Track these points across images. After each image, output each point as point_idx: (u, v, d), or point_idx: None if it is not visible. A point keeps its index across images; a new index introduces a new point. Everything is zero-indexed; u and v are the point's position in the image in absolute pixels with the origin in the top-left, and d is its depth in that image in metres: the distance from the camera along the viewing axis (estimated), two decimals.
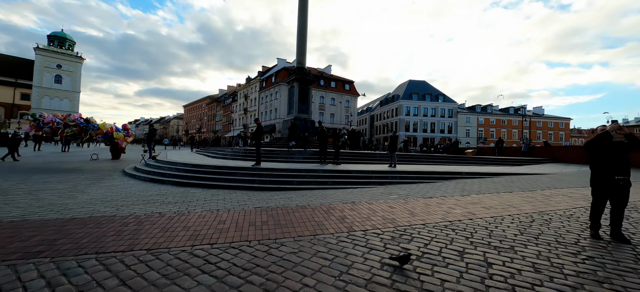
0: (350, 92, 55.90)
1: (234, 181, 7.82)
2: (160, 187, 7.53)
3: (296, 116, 20.01)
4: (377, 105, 72.77)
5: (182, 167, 9.24)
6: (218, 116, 74.29)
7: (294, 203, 5.67)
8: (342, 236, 3.71)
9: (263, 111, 53.44)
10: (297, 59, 20.86)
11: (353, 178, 8.60)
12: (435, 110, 60.14)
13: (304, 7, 20.73)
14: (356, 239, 3.60)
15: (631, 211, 5.19)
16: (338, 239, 3.58)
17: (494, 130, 61.09)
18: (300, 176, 8.24)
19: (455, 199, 6.31)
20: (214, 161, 10.95)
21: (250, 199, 6.03)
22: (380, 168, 10.24)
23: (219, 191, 7.10)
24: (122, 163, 13.69)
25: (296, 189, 7.41)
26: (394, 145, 11.10)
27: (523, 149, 18.88)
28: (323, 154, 10.87)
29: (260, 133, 9.69)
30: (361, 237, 3.68)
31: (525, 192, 7.18)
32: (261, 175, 8.14)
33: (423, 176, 9.35)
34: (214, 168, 8.79)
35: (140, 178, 8.69)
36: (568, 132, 62.49)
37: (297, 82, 19.85)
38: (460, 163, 14.67)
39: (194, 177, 8.09)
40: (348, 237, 3.67)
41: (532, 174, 10.82)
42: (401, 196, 6.62)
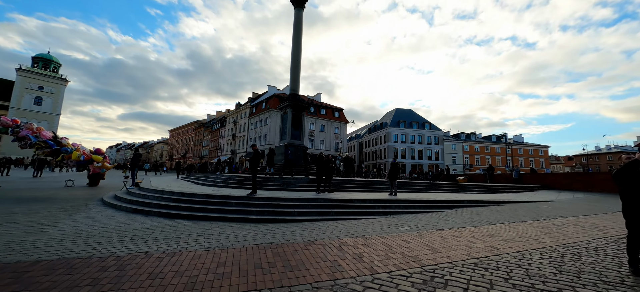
0: (340, 119, 56.61)
1: (229, 212, 7.15)
2: (144, 219, 6.74)
3: (289, 142, 19.62)
4: (365, 132, 73.86)
5: (169, 196, 8.47)
6: (205, 141, 72.75)
7: (300, 238, 5.11)
8: (366, 280, 3.20)
9: (252, 137, 52.81)
10: (291, 85, 20.92)
11: (356, 207, 8.12)
12: (422, 138, 61.56)
13: (298, 36, 21.17)
14: (384, 284, 3.09)
15: None
16: (363, 286, 3.06)
17: (479, 157, 62.81)
18: (301, 206, 7.68)
19: (470, 230, 5.93)
20: (204, 189, 10.21)
21: (250, 234, 5.41)
22: (380, 196, 9.84)
23: (213, 223, 6.41)
24: (100, 190, 12.59)
25: (297, 220, 6.83)
26: (395, 173, 10.81)
27: (513, 176, 19.13)
28: (320, 182, 10.37)
29: (257, 159, 9.17)
30: (388, 281, 3.18)
31: (535, 222, 6.92)
32: (258, 205, 7.52)
33: (426, 205, 9.00)
34: (206, 197, 8.09)
35: (121, 208, 7.84)
36: (547, 159, 65.12)
37: (290, 109, 19.71)
38: (457, 191, 14.51)
39: (183, 208, 7.36)
40: (374, 282, 3.16)
41: (531, 202, 10.71)
42: (412, 228, 6.19)
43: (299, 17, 21.21)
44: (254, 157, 9.17)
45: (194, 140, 78.33)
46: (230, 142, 59.88)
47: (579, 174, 16.97)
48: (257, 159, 9.16)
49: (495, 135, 66.78)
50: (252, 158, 9.19)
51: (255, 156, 9.17)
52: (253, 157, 9.18)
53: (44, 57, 52.29)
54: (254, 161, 9.10)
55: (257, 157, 9.18)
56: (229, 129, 61.71)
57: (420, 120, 63.78)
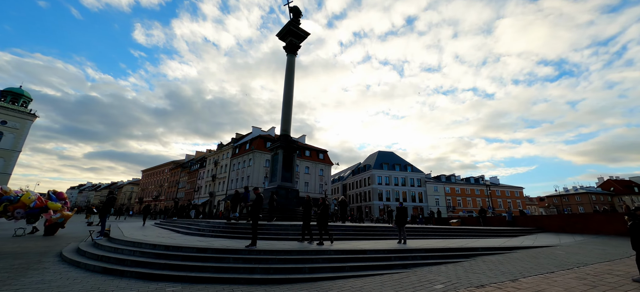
0: (324, 161, 56.37)
1: (227, 270, 5.91)
2: (119, 282, 5.32)
3: (280, 184, 18.60)
4: (348, 175, 73.71)
5: (149, 250, 7.04)
6: (181, 182, 68.57)
7: None
8: None
9: (234, 178, 50.53)
10: (282, 126, 20.54)
11: (371, 260, 7.16)
12: (405, 180, 62.23)
13: (290, 79, 21.41)
14: None
15: None
16: None
17: (460, 199, 63.91)
18: (311, 260, 6.60)
19: (513, 287, 5.17)
20: (190, 240, 8.78)
21: None
22: (390, 245, 8.94)
23: (209, 287, 5.16)
24: (58, 241, 10.53)
25: (311, 279, 5.74)
26: (404, 217, 10.06)
27: (507, 218, 19.01)
28: (307, 229, 9.21)
29: (259, 205, 8.10)
30: None
31: (568, 272, 6.37)
32: (261, 261, 6.35)
33: (442, 255, 8.22)
34: (196, 251, 6.79)
35: (87, 267, 6.29)
36: (523, 200, 67.60)
37: (281, 149, 19.05)
38: (459, 236, 13.90)
39: (168, 266, 6.01)
40: None
41: (542, 247, 10.26)
42: (447, 286, 5.33)
43: (291, 61, 21.68)
44: (256, 202, 8.12)
45: (169, 182, 73.60)
46: (209, 184, 56.75)
47: (573, 215, 17.16)
48: (259, 205, 8.10)
49: (474, 177, 69.16)
50: (254, 203, 8.14)
51: (257, 201, 8.13)
52: (255, 203, 8.13)
53: (14, 91, 48.83)
54: (256, 206, 8.04)
55: (259, 202, 8.14)
56: (209, 170, 58.98)
57: (402, 162, 65.12)
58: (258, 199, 8.15)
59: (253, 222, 7.63)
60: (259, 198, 8.18)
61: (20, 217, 11.83)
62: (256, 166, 46.49)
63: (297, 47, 21.98)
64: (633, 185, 71.94)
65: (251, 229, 7.59)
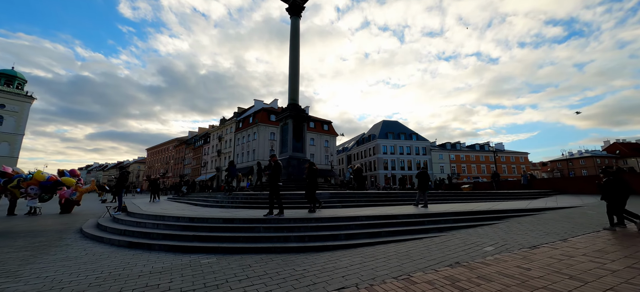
0: (329, 132, 55.81)
1: (259, 239, 5.60)
2: (149, 256, 5.02)
3: (291, 155, 18.21)
4: (353, 145, 73.49)
5: (173, 222, 6.74)
6: (187, 159, 68.90)
7: (384, 272, 3.72)
8: None
9: (239, 153, 50.46)
10: (290, 95, 19.72)
11: (405, 225, 6.84)
12: (410, 149, 61.99)
13: (296, 44, 20.23)
14: None
15: None
16: None
17: (465, 166, 64.03)
18: (345, 227, 6.27)
19: (568, 246, 4.80)
20: (212, 212, 8.50)
21: (310, 271, 3.93)
22: (412, 210, 8.61)
23: (245, 257, 4.84)
24: (76, 218, 10.38)
25: (350, 246, 5.42)
26: (425, 183, 9.68)
27: (523, 182, 18.78)
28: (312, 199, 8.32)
29: (278, 173, 7.67)
30: None
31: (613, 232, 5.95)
32: (293, 229, 6.03)
33: (472, 217, 7.89)
34: (222, 221, 6.47)
35: (111, 242, 6.02)
36: (528, 165, 67.66)
37: (291, 119, 18.42)
38: (478, 199, 13.67)
39: (197, 238, 5.70)
40: None
41: (569, 208, 9.97)
42: (498, 248, 4.99)
43: (295, 25, 20.37)
44: (275, 170, 7.70)
45: (175, 159, 74.00)
46: (215, 159, 56.90)
47: (592, 177, 16.81)
48: (277, 173, 7.68)
49: (479, 144, 68.75)
50: (273, 172, 7.72)
51: (276, 169, 7.71)
52: (274, 171, 7.71)
53: (7, 73, 47.38)
54: (275, 174, 7.63)
55: (278, 170, 7.71)
56: (214, 145, 58.83)
57: (407, 131, 64.47)
58: (276, 167, 7.70)
59: (274, 190, 7.24)
60: (278, 166, 7.73)
61: (34, 194, 11.60)
62: (261, 139, 46.14)
63: (301, 8, 20.53)
64: (638, 146, 71.34)
65: (269, 198, 7.24)
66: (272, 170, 7.68)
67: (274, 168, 7.71)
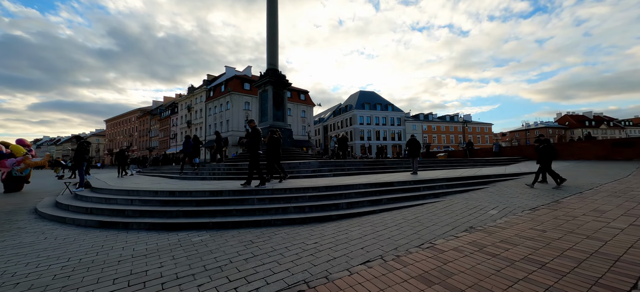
0: (306, 102, 54.62)
1: (255, 212, 5.08)
2: (126, 236, 4.30)
3: (272, 124, 17.32)
4: (329, 116, 73.14)
5: (150, 197, 5.92)
6: (153, 131, 64.21)
7: (404, 238, 3.43)
8: None
9: (211, 123, 47.85)
10: (268, 59, 18.37)
11: (403, 191, 6.69)
12: (386, 119, 63.14)
13: (273, 4, 18.51)
14: None
15: None
16: None
17: (436, 136, 67.16)
18: (345, 195, 5.94)
19: (564, 207, 4.90)
20: (194, 184, 7.72)
21: (327, 242, 3.53)
22: (405, 177, 8.56)
23: (243, 232, 4.32)
24: (27, 198, 8.96)
25: (354, 215, 5.11)
26: (416, 150, 9.63)
27: (494, 149, 19.89)
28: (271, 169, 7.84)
29: (257, 141, 6.92)
30: None
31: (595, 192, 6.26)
32: (291, 199, 5.56)
33: (463, 182, 8.00)
34: (209, 194, 5.80)
35: (76, 222, 5.13)
36: (491, 136, 72.76)
37: (271, 86, 17.29)
38: (460, 166, 14.19)
39: (183, 214, 5.02)
40: None
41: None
42: (502, 211, 4.98)
43: None
44: (254, 137, 6.94)
45: (139, 131, 68.61)
46: (185, 131, 53.58)
47: (557, 144, 18.15)
48: (257, 141, 6.93)
49: (449, 115, 71.97)
50: (251, 139, 6.97)
51: (255, 136, 6.95)
52: (252, 138, 6.95)
53: None
54: (254, 142, 6.86)
55: (257, 137, 6.95)
56: (183, 115, 55.07)
57: (384, 102, 65.20)
58: (255, 134, 6.92)
59: (254, 159, 6.59)
60: (257, 132, 6.94)
61: None
62: (235, 109, 43.87)
63: None
64: (585, 119, 79.53)
65: (249, 168, 6.61)
66: (251, 137, 6.93)
67: (253, 135, 6.95)
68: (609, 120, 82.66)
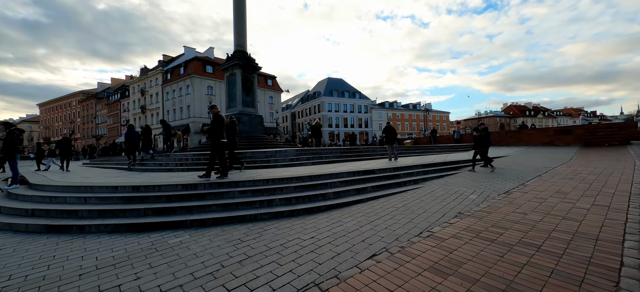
0: (273, 87, 53.07)
1: (237, 207, 4.65)
2: (85, 243, 3.62)
3: (241, 110, 16.44)
4: (297, 103, 72.21)
5: (113, 194, 5.12)
6: (100, 117, 57.42)
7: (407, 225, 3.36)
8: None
9: (170, 109, 44.17)
10: (236, 40, 17.20)
11: (385, 179, 6.73)
12: (353, 107, 64.22)
13: None
14: None
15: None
16: None
17: (400, 123, 70.31)
18: (330, 185, 5.76)
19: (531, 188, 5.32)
20: (159, 176, 6.91)
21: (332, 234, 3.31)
22: (383, 164, 8.70)
23: (229, 230, 3.91)
24: None
25: (344, 204, 4.96)
26: (393, 137, 9.81)
27: (455, 137, 21.32)
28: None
29: (220, 127, 6.12)
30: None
31: (552, 175, 6.93)
32: (274, 190, 5.21)
33: (438, 168, 8.38)
34: (184, 188, 5.19)
35: (13, 228, 4.23)
36: (449, 123, 78.38)
37: (239, 69, 16.27)
38: (429, 152, 14.91)
39: (155, 211, 4.40)
40: None
41: (502, 157, 11.58)
42: (480, 196, 5.22)
43: None
44: (216, 125, 6.06)
45: (83, 117, 60.79)
46: (139, 117, 48.79)
47: (509, 131, 20.00)
48: (220, 128, 6.08)
49: (412, 104, 75.64)
50: (214, 126, 6.08)
51: (217, 123, 6.06)
52: (215, 126, 6.07)
53: None
54: (216, 130, 6.03)
55: (220, 124, 6.07)
56: (136, 100, 49.92)
57: (351, 89, 66.03)
58: (218, 120, 6.08)
59: (217, 149, 5.98)
60: (219, 118, 6.08)
61: None
62: (197, 94, 40.92)
63: None
64: (526, 109, 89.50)
65: (210, 158, 6.01)
66: (213, 124, 6.12)
67: (215, 121, 6.13)
68: (544, 111, 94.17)
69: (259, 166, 8.30)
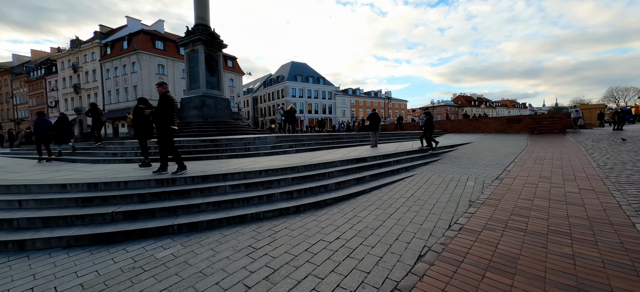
0: (234, 69, 49.81)
1: (232, 204, 3.94)
2: (31, 265, 2.65)
3: (205, 92, 14.95)
4: (259, 87, 69.25)
5: (61, 194, 3.96)
6: (20, 96, 47.88)
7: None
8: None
9: (111, 88, 38.67)
10: (198, 13, 15.36)
11: (377, 167, 6.51)
12: (318, 92, 63.77)
13: None
14: None
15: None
16: None
17: (362, 110, 72.16)
18: (328, 175, 5.32)
19: (521, 174, 5.59)
20: (119, 169, 5.69)
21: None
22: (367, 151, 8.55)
23: (229, 233, 3.25)
24: None
25: (346, 196, 4.59)
26: (376, 124, 9.67)
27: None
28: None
29: (170, 110, 4.82)
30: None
31: (525, 158, 7.47)
32: (271, 182, 4.58)
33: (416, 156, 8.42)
34: (156, 183, 4.26)
35: None
36: (406, 111, 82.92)
37: (202, 45, 14.64)
38: (400, 139, 15.28)
39: (127, 216, 3.47)
40: None
41: (468, 143, 12.35)
42: (477, 182, 5.29)
43: None
44: (164, 107, 4.78)
45: None
46: (72, 97, 41.83)
47: (469, 120, 21.59)
48: (169, 111, 4.79)
49: (374, 91, 77.96)
50: (159, 110, 4.84)
51: (165, 106, 4.79)
52: (162, 107, 4.78)
53: None
54: (164, 114, 4.77)
55: (168, 106, 4.78)
56: (66, 77, 42.53)
57: (316, 74, 65.30)
58: (165, 101, 4.79)
59: (164, 136, 4.85)
60: (166, 99, 4.80)
61: None
62: (145, 72, 36.29)
63: None
64: (472, 100, 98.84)
65: (159, 148, 4.95)
66: (160, 107, 4.85)
67: (162, 102, 4.81)
68: (486, 101, 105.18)
69: (239, 154, 7.45)
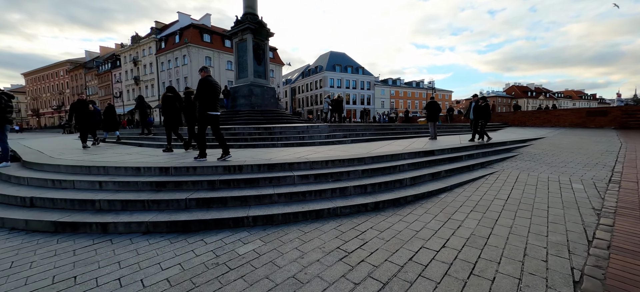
0: (274, 60, 50.63)
1: (303, 197, 3.59)
2: (114, 250, 2.56)
3: (253, 81, 15.07)
4: (297, 77, 69.76)
5: (135, 177, 4.00)
6: (91, 88, 54.56)
7: None
8: None
9: (165, 80, 41.87)
10: (246, 2, 15.37)
11: (450, 162, 5.73)
12: (356, 83, 62.24)
13: None
14: None
15: None
16: None
17: (402, 101, 68.88)
18: (398, 168, 4.72)
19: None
20: (178, 156, 5.76)
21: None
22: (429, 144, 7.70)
23: (310, 230, 2.88)
24: None
25: (425, 194, 3.97)
26: (436, 114, 8.73)
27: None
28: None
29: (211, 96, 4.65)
30: None
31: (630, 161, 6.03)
32: (341, 174, 4.14)
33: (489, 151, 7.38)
34: (223, 170, 4.10)
35: (6, 224, 3.12)
36: (451, 102, 77.20)
37: (250, 34, 14.66)
38: (456, 132, 13.95)
39: (197, 203, 3.31)
40: None
41: (542, 138, 10.66)
42: (587, 186, 4.25)
43: None
44: (203, 91, 4.55)
45: (72, 87, 57.69)
46: (133, 88, 46.37)
47: (535, 112, 19.02)
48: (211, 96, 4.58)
49: (415, 81, 73.76)
50: (199, 94, 4.59)
51: (205, 90, 4.55)
52: (201, 93, 4.56)
53: None
54: (205, 98, 4.55)
55: (209, 91, 4.56)
56: (128, 70, 47.17)
57: (354, 64, 63.68)
58: (205, 86, 4.54)
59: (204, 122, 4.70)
60: (206, 84, 4.55)
61: None
62: (194, 64, 38.56)
63: None
64: (528, 90, 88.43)
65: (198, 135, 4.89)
66: (199, 91, 4.59)
67: (198, 86, 4.58)
68: (545, 92, 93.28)
69: (294, 143, 7.17)
